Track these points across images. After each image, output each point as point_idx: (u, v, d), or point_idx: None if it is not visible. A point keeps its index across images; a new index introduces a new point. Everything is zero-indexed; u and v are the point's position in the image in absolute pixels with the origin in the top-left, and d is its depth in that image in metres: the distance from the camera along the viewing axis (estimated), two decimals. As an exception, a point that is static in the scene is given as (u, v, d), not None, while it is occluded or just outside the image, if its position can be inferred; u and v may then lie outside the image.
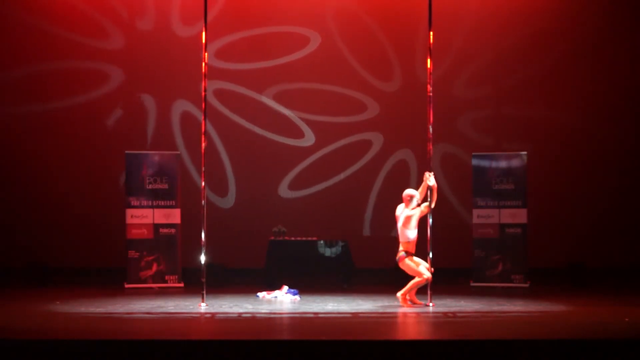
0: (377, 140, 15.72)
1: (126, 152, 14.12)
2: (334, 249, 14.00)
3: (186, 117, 15.51)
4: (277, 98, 15.68)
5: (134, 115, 15.50)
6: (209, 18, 15.17)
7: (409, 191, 11.13)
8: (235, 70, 15.63)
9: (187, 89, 15.27)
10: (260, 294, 12.32)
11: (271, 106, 15.61)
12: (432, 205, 11.01)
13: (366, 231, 15.58)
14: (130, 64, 15.51)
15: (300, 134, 15.71)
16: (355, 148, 15.72)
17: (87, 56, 15.45)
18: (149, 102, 15.52)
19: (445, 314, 10.35)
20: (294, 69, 15.66)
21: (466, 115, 15.64)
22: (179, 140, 15.49)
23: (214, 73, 14.80)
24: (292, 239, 14.11)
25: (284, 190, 15.61)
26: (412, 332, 9.23)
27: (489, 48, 15.63)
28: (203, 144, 11.13)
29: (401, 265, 11.14)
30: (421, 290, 11.25)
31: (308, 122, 15.69)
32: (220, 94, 15.54)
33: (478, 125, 15.61)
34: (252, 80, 15.63)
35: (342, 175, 15.66)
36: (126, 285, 13.51)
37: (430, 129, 11.18)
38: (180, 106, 15.53)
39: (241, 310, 10.60)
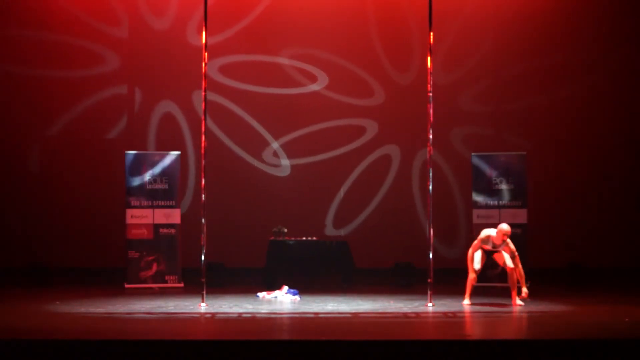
0: (371, 128, 15.68)
1: (126, 152, 14.12)
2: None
3: (169, 119, 15.51)
4: (291, 57, 15.66)
5: (134, 115, 15.50)
6: (230, 32, 15.30)
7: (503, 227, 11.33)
8: (235, 88, 15.60)
9: (183, 92, 15.29)
10: (260, 294, 12.31)
11: (261, 133, 15.63)
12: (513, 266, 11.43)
13: (329, 229, 15.57)
14: (130, 56, 15.47)
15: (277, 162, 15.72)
16: (348, 131, 15.65)
17: (89, 37, 15.42)
18: (138, 97, 15.50)
19: (445, 314, 10.35)
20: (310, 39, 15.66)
21: (465, 127, 15.59)
22: (156, 139, 15.51)
23: (214, 86, 14.80)
24: (292, 239, 14.10)
25: (268, 157, 15.58)
26: (412, 332, 9.23)
27: (501, 67, 15.58)
28: (203, 144, 11.10)
29: None
30: (422, 291, 11.24)
31: (312, 94, 15.64)
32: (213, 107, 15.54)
33: (473, 139, 15.52)
34: (252, 96, 15.62)
35: (341, 150, 15.64)
36: (126, 285, 13.50)
37: (431, 111, 11.14)
38: (168, 107, 15.52)
39: (241, 310, 10.60)
